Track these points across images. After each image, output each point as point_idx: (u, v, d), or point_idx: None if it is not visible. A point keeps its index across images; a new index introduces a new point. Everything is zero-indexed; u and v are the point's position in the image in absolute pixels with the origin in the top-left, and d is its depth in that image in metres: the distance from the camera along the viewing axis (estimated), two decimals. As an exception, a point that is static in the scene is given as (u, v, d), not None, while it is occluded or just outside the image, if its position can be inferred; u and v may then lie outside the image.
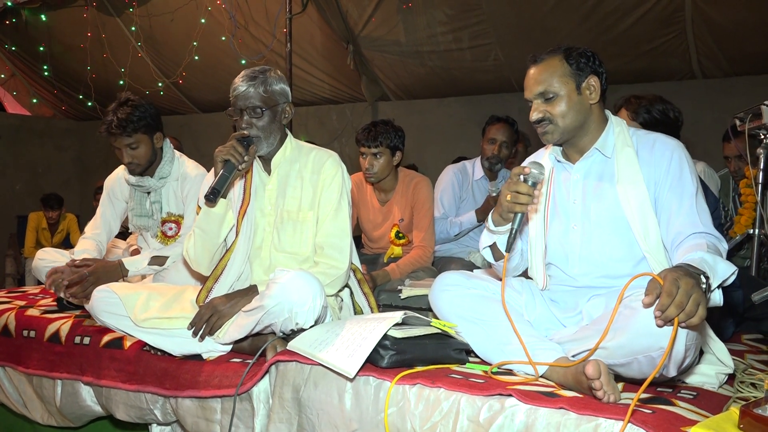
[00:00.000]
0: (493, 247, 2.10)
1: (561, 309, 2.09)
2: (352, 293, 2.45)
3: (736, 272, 1.69)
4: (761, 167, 3.09)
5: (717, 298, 1.66)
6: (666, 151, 1.96)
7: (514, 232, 1.90)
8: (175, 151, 2.97)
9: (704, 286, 1.55)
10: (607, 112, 2.08)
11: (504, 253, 1.97)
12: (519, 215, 1.89)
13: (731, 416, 1.45)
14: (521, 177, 1.88)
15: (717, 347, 1.87)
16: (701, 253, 1.68)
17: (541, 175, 1.88)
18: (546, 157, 2.15)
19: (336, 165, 2.37)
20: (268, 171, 2.40)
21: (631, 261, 1.99)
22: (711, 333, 1.88)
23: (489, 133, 3.66)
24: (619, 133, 2.04)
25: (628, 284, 1.64)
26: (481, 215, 3.49)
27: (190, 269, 2.59)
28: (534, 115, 2.01)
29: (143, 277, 2.93)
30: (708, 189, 2.70)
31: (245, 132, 2.24)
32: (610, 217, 1.99)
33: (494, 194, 3.50)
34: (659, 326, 1.53)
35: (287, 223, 2.36)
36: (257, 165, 2.41)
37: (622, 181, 1.97)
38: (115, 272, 2.74)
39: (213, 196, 2.16)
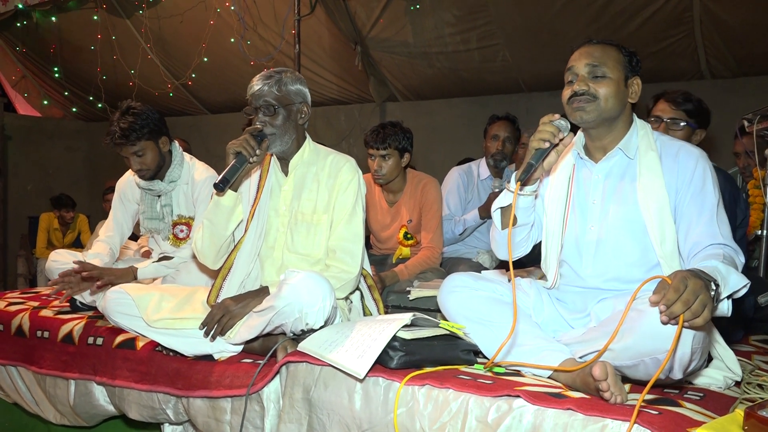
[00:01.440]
0: (505, 212, 2.07)
1: (569, 310, 2.09)
2: (362, 296, 2.47)
3: (748, 285, 1.69)
4: (769, 169, 3.09)
5: (725, 308, 1.66)
6: (690, 161, 1.95)
7: (530, 166, 1.88)
8: (185, 153, 3.00)
9: (713, 292, 1.56)
10: (633, 116, 2.07)
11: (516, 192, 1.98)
12: (539, 152, 1.88)
13: (736, 418, 1.46)
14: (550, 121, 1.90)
15: (726, 355, 1.88)
16: (715, 262, 1.68)
17: (568, 128, 1.90)
18: (569, 153, 2.14)
19: (353, 170, 2.39)
20: (285, 172, 2.43)
21: (645, 266, 1.99)
22: (720, 340, 1.89)
23: (491, 131, 3.69)
24: (643, 136, 2.03)
25: (641, 286, 1.65)
26: (484, 212, 3.50)
27: (199, 265, 2.62)
28: (578, 86, 1.96)
29: (154, 278, 2.96)
30: (740, 195, 2.70)
31: (259, 126, 2.28)
32: (628, 220, 1.99)
33: (497, 190, 3.50)
34: (664, 323, 1.54)
35: (301, 225, 2.38)
36: (274, 165, 2.44)
37: (643, 184, 1.96)
38: (127, 275, 2.78)
39: (222, 185, 2.20)
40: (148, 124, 2.79)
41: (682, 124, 2.66)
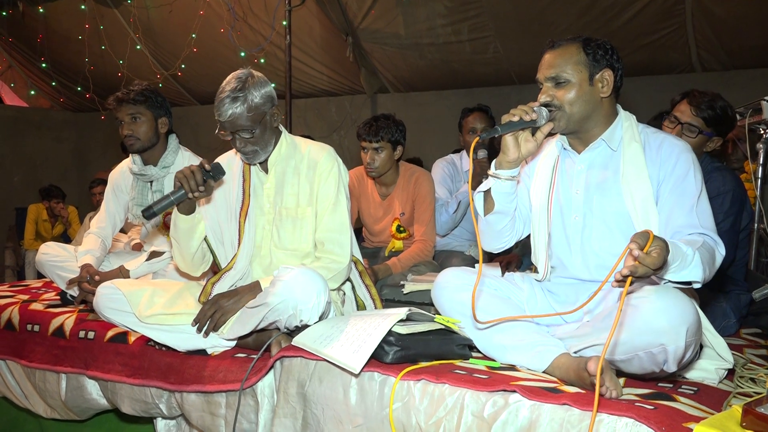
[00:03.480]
0: (487, 197, 2.09)
1: (561, 303, 2.09)
2: (354, 287, 2.47)
3: (698, 284, 1.71)
4: (761, 162, 3.10)
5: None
6: (673, 153, 1.95)
7: (495, 131, 1.92)
8: (180, 146, 3.00)
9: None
10: (618, 107, 2.07)
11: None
12: (507, 124, 1.92)
13: (734, 414, 1.46)
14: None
15: (717, 342, 1.89)
16: (691, 252, 1.68)
17: (546, 115, 1.95)
18: (552, 144, 2.14)
19: (331, 159, 2.37)
20: (266, 170, 2.41)
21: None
22: (710, 328, 1.90)
23: (467, 124, 3.65)
24: (627, 128, 2.03)
25: (613, 270, 1.64)
26: (474, 183, 3.47)
27: None
28: (542, 98, 1.99)
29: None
30: (747, 197, 2.69)
31: (219, 164, 2.21)
32: (613, 210, 2.00)
33: (482, 157, 3.46)
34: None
35: (286, 220, 2.36)
36: (255, 166, 2.41)
37: (626, 175, 1.97)
38: (117, 277, 2.76)
39: (147, 216, 2.13)
40: (155, 98, 2.89)
41: (696, 132, 2.58)
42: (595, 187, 2.04)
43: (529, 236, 2.21)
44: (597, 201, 2.03)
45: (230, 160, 2.49)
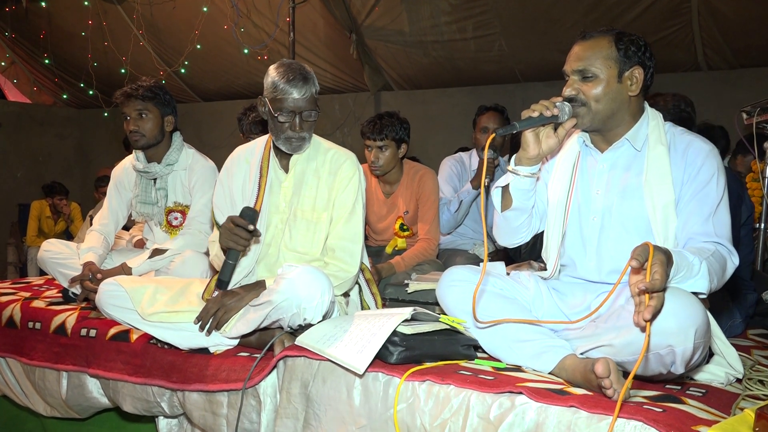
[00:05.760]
0: (505, 193, 2.06)
1: (568, 303, 2.06)
2: (360, 290, 2.45)
3: (703, 294, 1.70)
4: (768, 161, 3.08)
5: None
6: (699, 157, 1.90)
7: (513, 126, 1.88)
8: (184, 143, 2.99)
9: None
10: (645, 105, 2.01)
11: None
12: (526, 120, 1.88)
13: (746, 419, 1.44)
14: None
15: (728, 352, 1.86)
16: (698, 261, 1.67)
17: (568, 111, 1.90)
18: (573, 140, 2.09)
19: (353, 167, 2.35)
20: (285, 168, 2.39)
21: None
22: (722, 336, 1.87)
23: (480, 122, 3.64)
24: (654, 128, 1.97)
25: (623, 274, 1.62)
26: (476, 182, 3.46)
27: (194, 256, 2.64)
28: (567, 91, 1.93)
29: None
30: (746, 193, 2.66)
31: (247, 208, 2.14)
32: (632, 214, 1.95)
33: (488, 157, 3.44)
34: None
35: (301, 222, 2.34)
36: (274, 162, 2.39)
37: (650, 179, 1.91)
38: (119, 274, 2.75)
39: (221, 288, 2.17)
40: (163, 95, 2.91)
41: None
42: (616, 188, 1.99)
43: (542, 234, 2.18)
44: (617, 203, 1.98)
45: (249, 153, 2.46)
